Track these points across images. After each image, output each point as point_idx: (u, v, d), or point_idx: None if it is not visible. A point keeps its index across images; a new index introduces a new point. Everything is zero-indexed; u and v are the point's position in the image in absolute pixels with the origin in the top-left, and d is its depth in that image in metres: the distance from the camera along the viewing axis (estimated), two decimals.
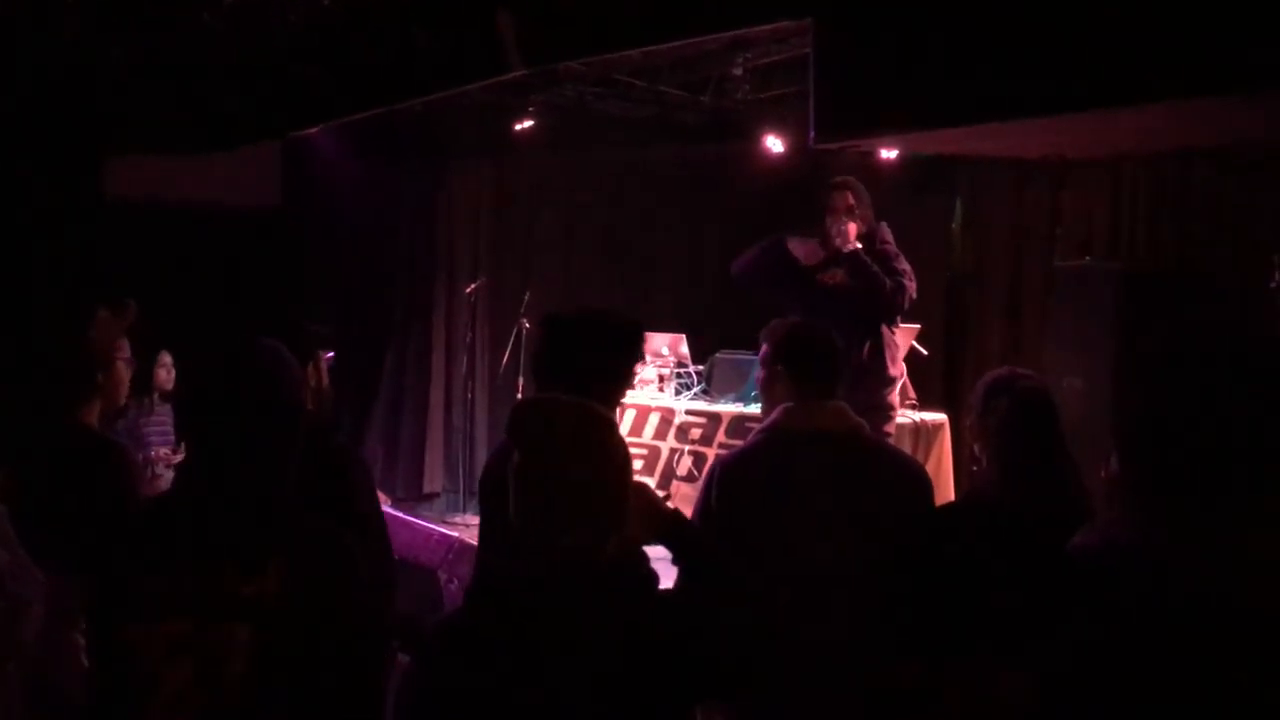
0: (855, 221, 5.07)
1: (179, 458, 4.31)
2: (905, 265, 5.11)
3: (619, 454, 1.84)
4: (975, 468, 2.67)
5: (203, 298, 6.52)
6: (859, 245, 5.04)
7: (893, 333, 5.22)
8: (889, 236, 5.18)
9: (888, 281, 5.02)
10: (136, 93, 6.29)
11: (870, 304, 5.04)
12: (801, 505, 2.63)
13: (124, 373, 3.12)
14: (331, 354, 3.07)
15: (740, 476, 2.76)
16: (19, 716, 2.41)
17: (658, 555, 1.94)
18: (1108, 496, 2.25)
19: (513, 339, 7.75)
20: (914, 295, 5.08)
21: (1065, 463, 2.60)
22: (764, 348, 2.90)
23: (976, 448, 2.73)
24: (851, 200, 5.11)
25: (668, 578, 2.03)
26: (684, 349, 7.11)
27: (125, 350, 3.15)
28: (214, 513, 1.94)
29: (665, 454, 6.75)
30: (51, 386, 2.94)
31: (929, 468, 5.98)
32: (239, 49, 5.83)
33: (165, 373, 5.43)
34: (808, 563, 2.61)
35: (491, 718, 1.73)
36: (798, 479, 2.66)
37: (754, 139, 7.22)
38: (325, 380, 2.99)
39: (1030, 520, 2.39)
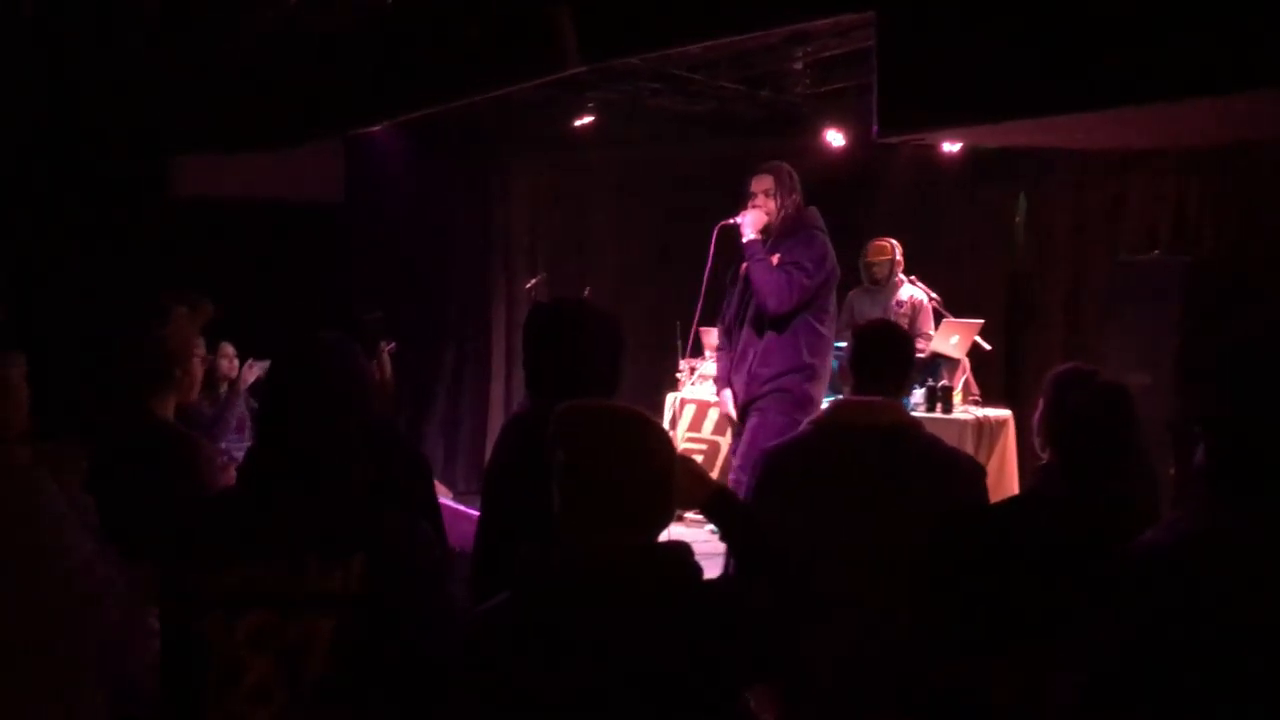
0: (765, 209, 4.95)
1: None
2: (810, 259, 4.86)
3: (659, 456, 1.85)
4: (1041, 462, 2.63)
5: (266, 292, 6.63)
6: (754, 235, 4.91)
7: (817, 330, 4.95)
8: (820, 224, 4.99)
9: (772, 278, 4.82)
10: (201, 93, 6.40)
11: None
12: (843, 498, 2.63)
13: (198, 369, 3.19)
14: (393, 344, 3.11)
15: (785, 467, 2.77)
16: (99, 702, 2.46)
17: (702, 552, 1.95)
18: (1179, 492, 2.22)
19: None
20: (798, 298, 4.81)
21: (1140, 459, 2.57)
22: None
23: (1039, 442, 2.71)
24: (769, 185, 4.99)
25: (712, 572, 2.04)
26: None
27: (200, 347, 3.22)
28: (295, 505, 1.96)
29: (724, 449, 6.74)
30: (130, 380, 3.02)
31: (992, 464, 5.93)
32: (301, 47, 5.91)
33: (227, 363, 5.51)
34: (848, 555, 2.60)
35: (530, 707, 1.74)
36: (841, 471, 2.66)
37: (813, 133, 7.18)
38: (388, 371, 3.03)
39: (1101, 516, 2.36)
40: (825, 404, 4.54)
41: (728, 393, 5.18)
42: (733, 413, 5.18)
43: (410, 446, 3.06)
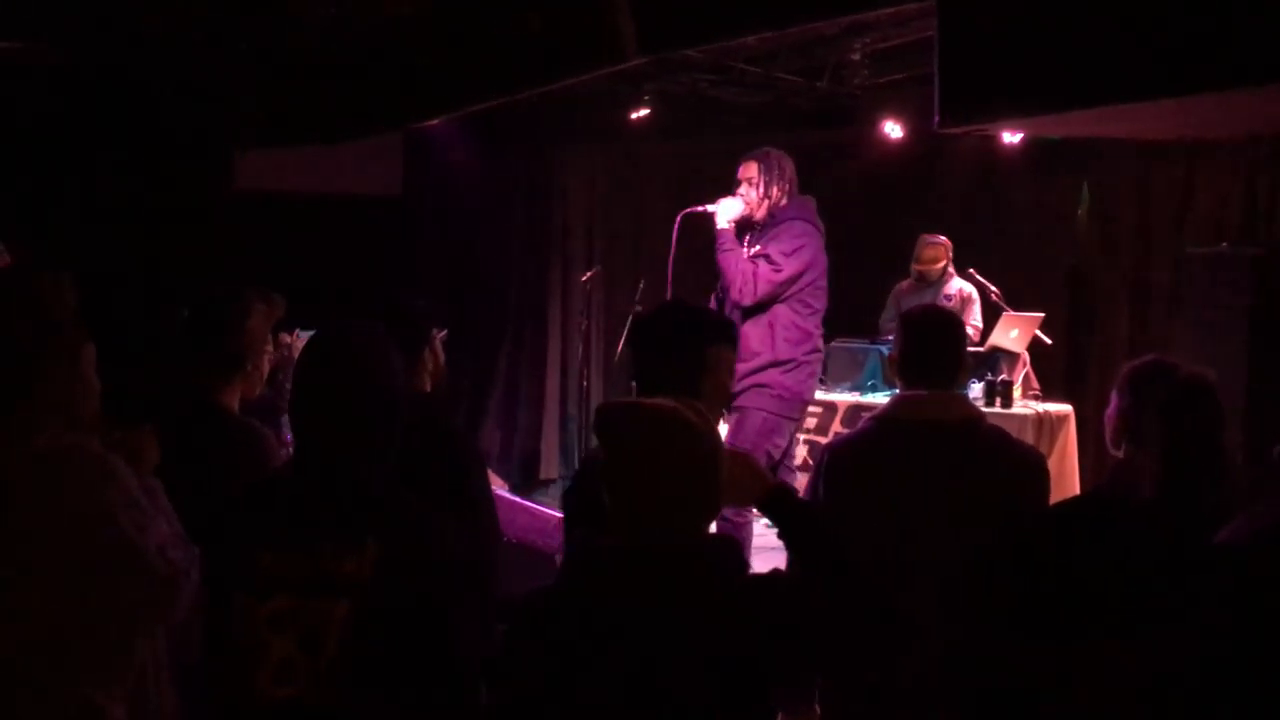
0: (745, 197, 4.85)
1: None
2: (782, 252, 4.77)
3: (699, 452, 1.85)
4: (1119, 458, 2.58)
5: (325, 284, 6.71)
6: (728, 225, 4.83)
7: (796, 324, 4.85)
8: (805, 214, 4.88)
9: (739, 270, 4.73)
10: (264, 88, 6.49)
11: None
12: (906, 493, 2.60)
13: (266, 364, 3.24)
14: (444, 331, 3.12)
15: (847, 463, 2.75)
16: (165, 684, 2.51)
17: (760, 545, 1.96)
18: (1253, 487, 2.18)
19: (627, 327, 7.79)
20: (764, 290, 4.72)
21: (1225, 455, 2.51)
22: None
23: (1112, 439, 2.65)
24: (754, 173, 4.87)
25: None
26: None
27: (269, 344, 3.28)
28: (312, 492, 2.00)
29: None
30: (201, 371, 3.07)
31: (1052, 461, 5.84)
32: (361, 43, 5.97)
33: (285, 352, 5.59)
34: (912, 550, 2.58)
35: (567, 698, 1.76)
36: (904, 467, 2.63)
37: (871, 124, 7.12)
38: (440, 358, 3.04)
39: (1187, 515, 2.32)
40: (881, 398, 4.49)
41: None
42: None
43: (461, 435, 3.07)
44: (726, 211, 4.83)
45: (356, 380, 2.04)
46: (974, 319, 6.39)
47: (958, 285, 6.53)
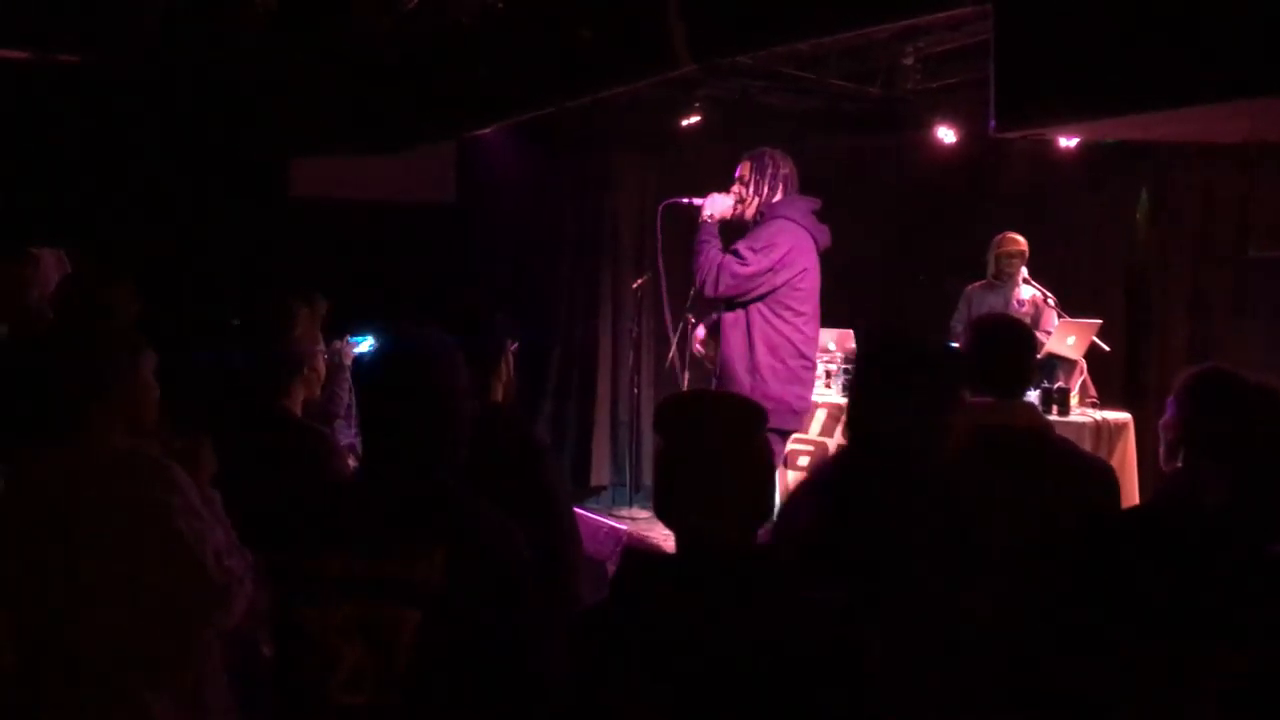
0: (738, 193, 4.83)
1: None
2: (751, 247, 4.70)
3: (756, 446, 1.84)
4: (1176, 466, 2.53)
5: (381, 292, 6.77)
6: (710, 220, 4.82)
7: (775, 326, 4.76)
8: (792, 213, 4.81)
9: (710, 263, 4.72)
10: (320, 98, 6.57)
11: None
12: (976, 500, 2.56)
13: (321, 365, 3.28)
14: (515, 344, 3.14)
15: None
16: (222, 685, 2.54)
17: None
18: None
19: (678, 334, 7.77)
20: (727, 283, 4.69)
21: None
22: None
23: (1166, 450, 2.60)
24: (745, 170, 4.87)
25: None
26: (852, 344, 7.02)
27: (321, 343, 3.32)
28: (382, 498, 2.00)
29: (832, 450, 6.67)
30: (262, 379, 3.12)
31: None
32: (416, 52, 6.02)
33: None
34: (974, 557, 2.54)
35: (632, 698, 1.75)
36: (976, 474, 2.59)
37: (923, 129, 7.06)
38: (512, 371, 3.06)
39: (1257, 525, 2.27)
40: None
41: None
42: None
43: (540, 444, 3.07)
44: (713, 206, 4.83)
45: (426, 387, 2.05)
46: (1050, 325, 6.31)
47: (1030, 292, 6.45)
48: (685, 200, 4.91)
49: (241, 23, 5.54)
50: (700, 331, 5.29)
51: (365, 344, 4.55)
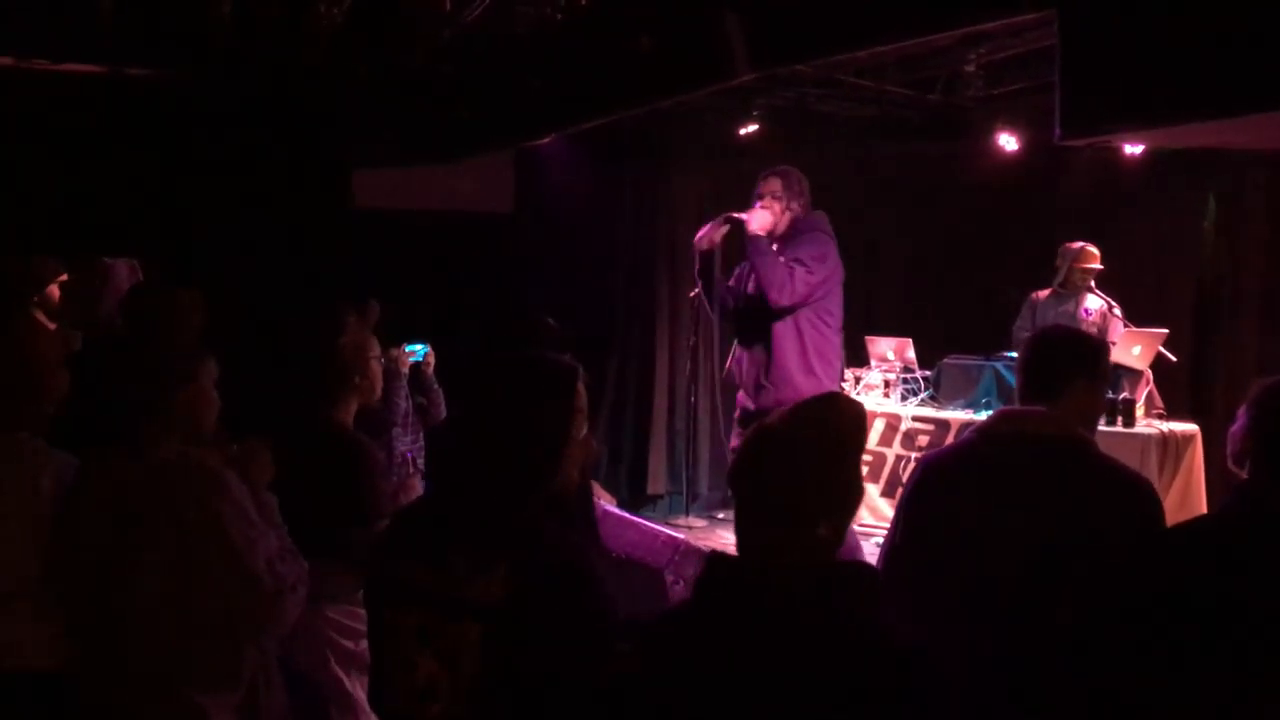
0: (772, 209, 4.93)
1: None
2: (812, 256, 4.85)
3: (841, 450, 1.81)
4: (1243, 478, 2.46)
5: (441, 302, 6.83)
6: (761, 232, 4.89)
7: (822, 332, 4.91)
8: (823, 226, 4.98)
9: (776, 272, 4.79)
10: (382, 110, 6.64)
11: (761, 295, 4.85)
12: (1000, 509, 2.53)
13: (376, 370, 3.30)
14: (568, 355, 3.13)
15: (943, 476, 2.69)
16: (278, 690, 2.56)
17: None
18: None
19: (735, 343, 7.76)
20: (801, 291, 4.80)
21: None
22: None
23: (1235, 454, 2.53)
24: (777, 188, 4.98)
25: None
26: (910, 353, 6.96)
27: (375, 348, 3.33)
28: (452, 513, 2.01)
29: (890, 460, 6.62)
30: (313, 388, 3.15)
31: (1178, 482, 5.65)
32: (475, 63, 6.07)
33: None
34: (1003, 568, 2.50)
35: (705, 708, 1.73)
36: (1000, 482, 2.56)
37: (983, 136, 6.99)
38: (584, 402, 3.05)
39: None
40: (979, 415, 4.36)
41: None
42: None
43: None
44: (758, 221, 4.95)
45: (521, 408, 2.03)
46: (1115, 335, 6.21)
47: (1097, 302, 6.35)
48: (737, 215, 5.01)
49: (307, 38, 5.62)
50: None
51: (426, 353, 4.57)
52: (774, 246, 4.94)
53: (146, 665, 2.36)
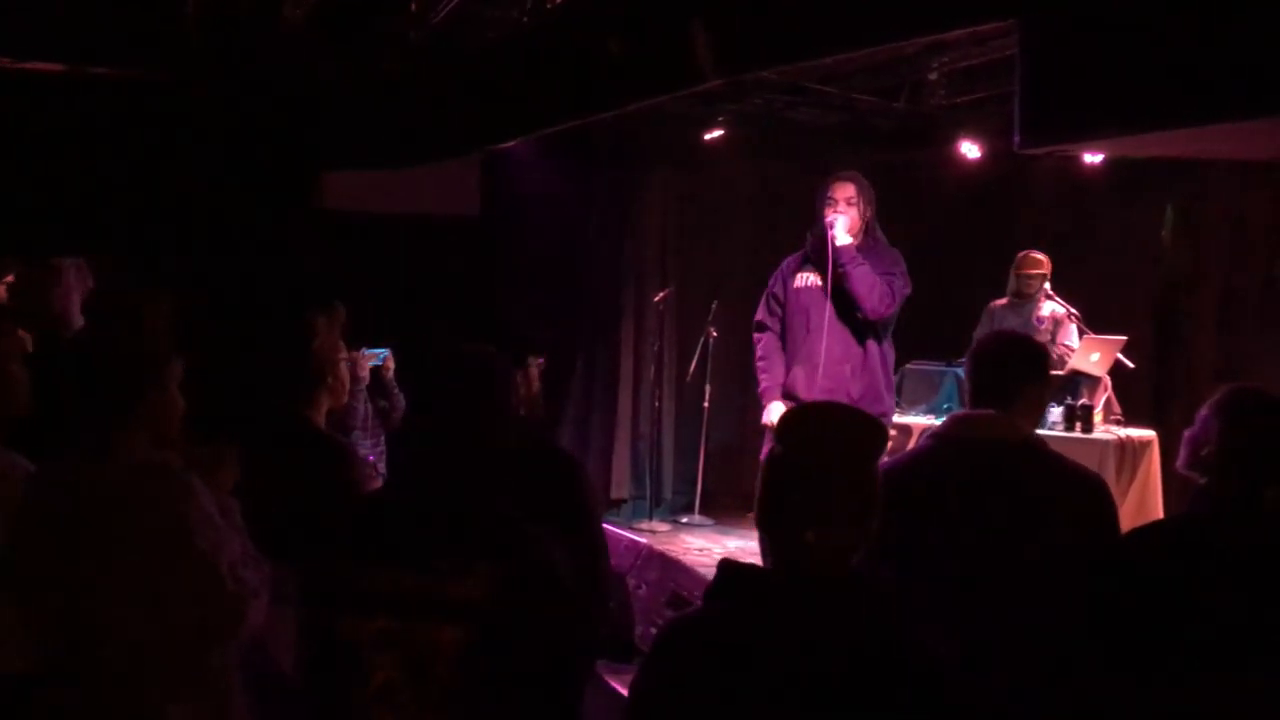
0: (852, 216, 4.87)
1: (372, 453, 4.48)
2: (899, 267, 4.86)
3: (873, 460, 1.83)
4: (1204, 485, 2.51)
5: (407, 305, 6.81)
6: (850, 240, 4.83)
7: (882, 351, 4.88)
8: (884, 240, 5.00)
9: (874, 281, 4.76)
10: (349, 112, 6.62)
11: (851, 307, 4.81)
12: (958, 513, 2.56)
13: (345, 372, 3.30)
14: (542, 359, 3.14)
15: (901, 481, 2.71)
16: (239, 697, 2.55)
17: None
18: None
19: (700, 348, 7.78)
20: (898, 302, 4.81)
21: None
22: None
23: (1189, 458, 2.58)
24: (853, 192, 4.91)
25: None
26: None
27: (343, 350, 3.33)
28: (424, 512, 1.99)
29: None
30: (285, 390, 3.14)
31: (1135, 487, 5.71)
32: (442, 67, 6.06)
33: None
34: (963, 571, 2.54)
35: (725, 711, 1.72)
36: (958, 486, 2.59)
37: (949, 144, 7.05)
38: (536, 385, 3.06)
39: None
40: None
41: (780, 406, 4.94)
42: None
43: (571, 458, 3.08)
44: (844, 231, 4.86)
45: (483, 405, 2.05)
46: (1068, 340, 6.29)
47: (1050, 308, 6.44)
48: (829, 224, 4.88)
49: (272, 38, 5.60)
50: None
51: (385, 357, 4.56)
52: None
53: (112, 670, 2.34)
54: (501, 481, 2.03)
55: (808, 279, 5.00)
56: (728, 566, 1.81)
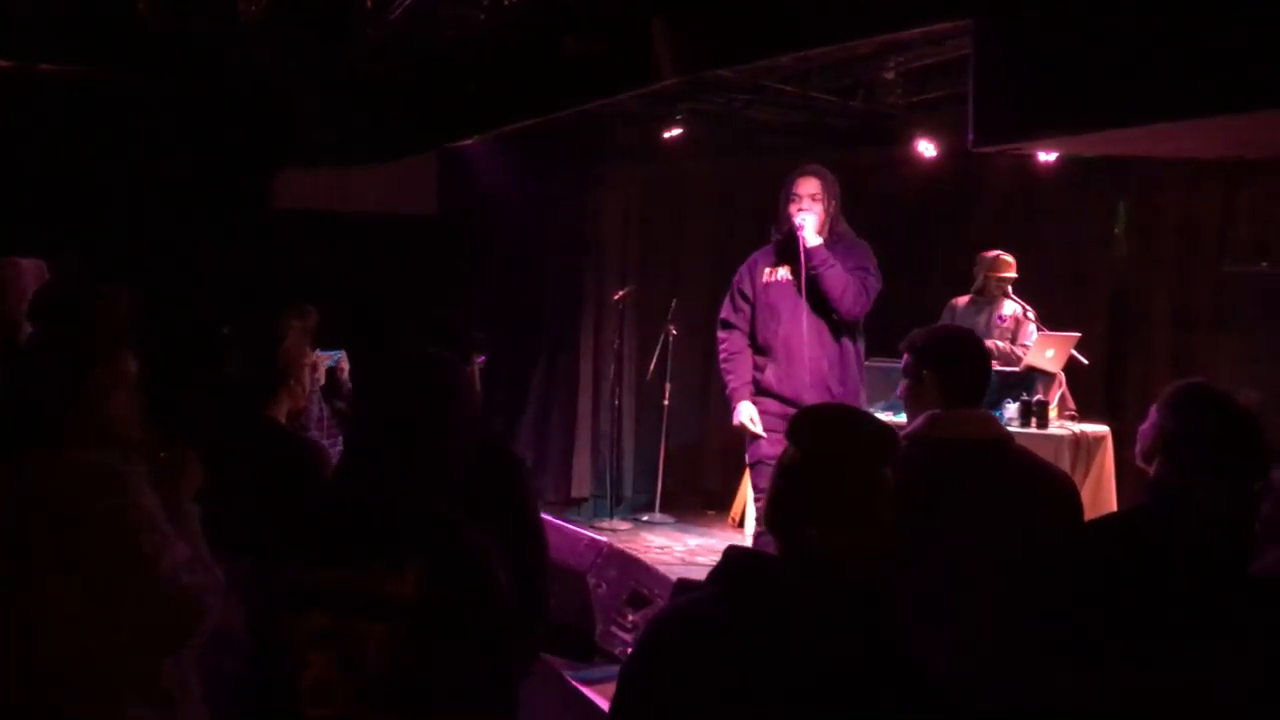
0: (818, 212, 4.76)
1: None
2: (871, 262, 4.76)
3: (881, 460, 1.84)
4: (1153, 477, 2.54)
5: (363, 303, 6.76)
6: (819, 240, 4.73)
7: (856, 347, 4.82)
8: (851, 232, 4.90)
9: (848, 281, 4.67)
10: (304, 109, 6.57)
11: (822, 305, 4.71)
12: (940, 513, 2.59)
13: (308, 377, 3.30)
14: (483, 358, 3.14)
15: None
16: (196, 700, 2.52)
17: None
18: (1269, 518, 2.15)
19: (660, 346, 7.79)
20: (871, 299, 4.72)
21: (1272, 484, 2.48)
22: (906, 357, 2.86)
23: (1144, 451, 2.62)
24: (817, 188, 4.80)
25: None
26: None
27: (310, 355, 3.33)
28: (360, 510, 2.00)
29: None
30: (250, 390, 3.14)
31: (1089, 482, 5.78)
32: (399, 64, 6.03)
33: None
34: (945, 570, 2.56)
35: (715, 704, 1.72)
36: (939, 487, 2.61)
37: (906, 143, 7.10)
38: (476, 384, 3.06)
39: (1227, 537, 2.29)
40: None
41: (750, 406, 4.90)
42: (757, 428, 4.87)
43: (513, 454, 3.08)
44: (811, 229, 4.76)
45: (435, 406, 2.05)
46: (1027, 339, 6.35)
47: (1012, 308, 6.50)
48: (797, 224, 4.75)
49: (225, 35, 5.54)
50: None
51: (340, 359, 4.52)
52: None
53: (60, 672, 2.30)
54: (439, 480, 2.03)
55: (777, 274, 4.92)
56: (733, 552, 1.82)
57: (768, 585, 1.75)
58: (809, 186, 4.81)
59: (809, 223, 4.74)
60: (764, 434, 4.87)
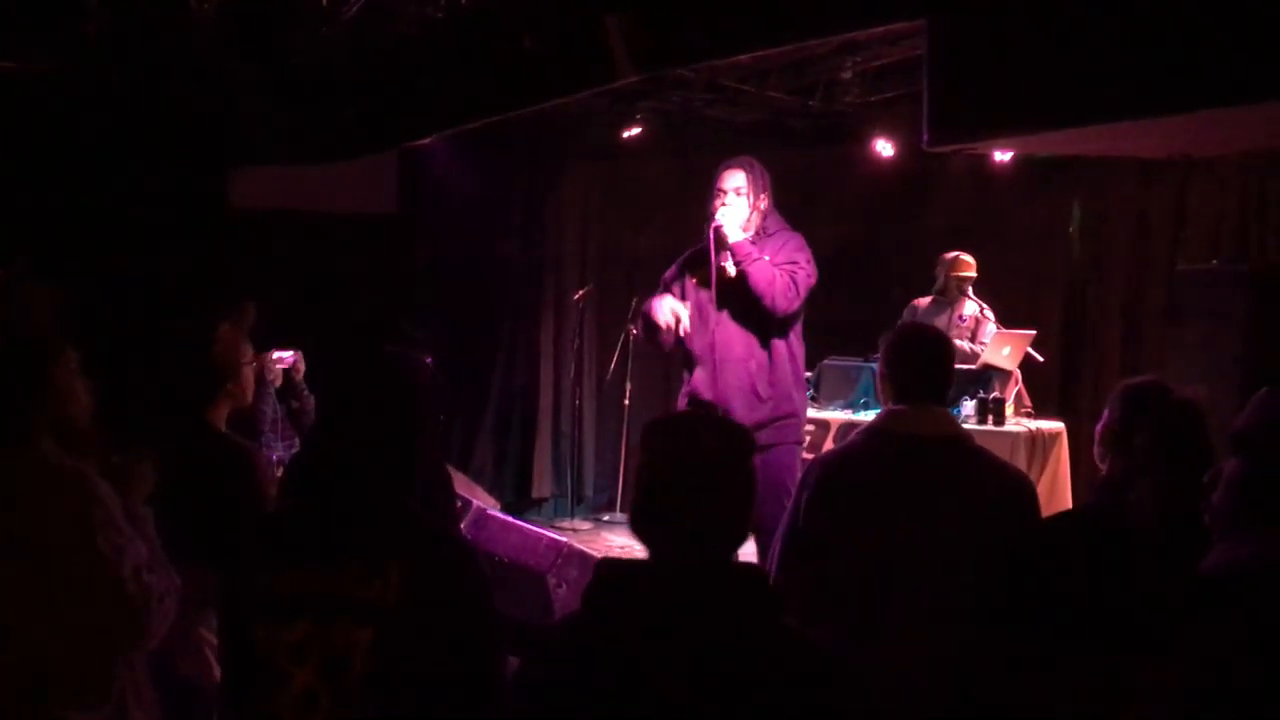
0: (741, 206, 4.49)
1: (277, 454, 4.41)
2: (806, 257, 4.47)
3: (742, 469, 1.83)
4: (1106, 475, 2.58)
5: (319, 302, 6.71)
6: (743, 235, 4.46)
7: (790, 347, 4.53)
8: (786, 223, 4.63)
9: (774, 276, 4.38)
10: (260, 107, 6.51)
11: (749, 303, 4.41)
12: (896, 508, 2.61)
13: (249, 376, 3.23)
14: (428, 359, 3.12)
15: (836, 477, 2.75)
16: (150, 705, 2.49)
17: None
18: (1218, 509, 2.18)
19: (620, 346, 7.79)
20: (803, 295, 4.42)
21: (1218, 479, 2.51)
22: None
23: (1100, 450, 2.65)
24: (742, 181, 4.53)
25: None
26: None
27: (248, 354, 3.26)
28: (336, 516, 1.98)
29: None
30: (184, 395, 3.08)
31: (1045, 478, 5.84)
32: (356, 62, 5.99)
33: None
34: (900, 565, 2.58)
35: (602, 714, 1.71)
36: (894, 482, 2.64)
37: (863, 142, 7.14)
38: None
39: (1179, 532, 2.31)
40: (873, 416, 4.43)
41: (670, 299, 4.65)
42: (683, 318, 4.56)
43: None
44: (733, 224, 4.49)
45: (405, 405, 2.03)
46: (986, 339, 6.41)
47: (971, 308, 6.56)
48: (716, 224, 4.50)
49: (179, 33, 5.48)
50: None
51: (293, 358, 4.48)
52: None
53: (15, 680, 2.27)
54: (409, 480, 2.02)
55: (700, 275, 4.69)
56: (603, 565, 1.81)
57: (637, 586, 1.75)
58: (732, 180, 4.56)
59: (730, 216, 4.51)
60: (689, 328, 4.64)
